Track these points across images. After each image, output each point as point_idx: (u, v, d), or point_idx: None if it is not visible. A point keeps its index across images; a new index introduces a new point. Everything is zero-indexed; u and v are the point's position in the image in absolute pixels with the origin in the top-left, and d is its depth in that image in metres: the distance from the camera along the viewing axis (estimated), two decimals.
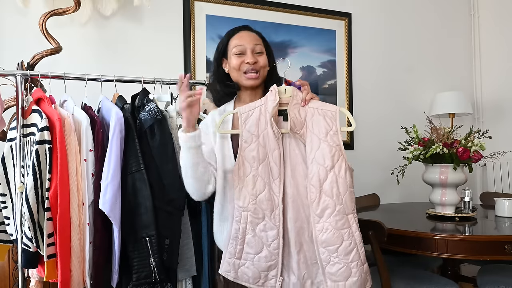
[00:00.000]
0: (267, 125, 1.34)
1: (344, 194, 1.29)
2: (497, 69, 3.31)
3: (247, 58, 1.44)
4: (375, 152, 3.01)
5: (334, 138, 1.31)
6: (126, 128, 1.51)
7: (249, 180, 1.31)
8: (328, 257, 1.28)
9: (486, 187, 3.24)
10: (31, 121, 1.52)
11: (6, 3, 2.16)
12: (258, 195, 1.30)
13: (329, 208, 1.28)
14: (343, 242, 1.27)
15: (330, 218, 1.28)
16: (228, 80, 1.52)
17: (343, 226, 1.28)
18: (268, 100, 1.36)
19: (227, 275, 1.35)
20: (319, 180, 1.28)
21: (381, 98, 3.10)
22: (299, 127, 1.33)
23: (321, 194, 1.28)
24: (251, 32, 1.49)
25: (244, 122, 1.36)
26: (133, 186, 1.49)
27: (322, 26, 2.90)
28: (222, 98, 1.54)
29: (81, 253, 1.46)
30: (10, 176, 1.57)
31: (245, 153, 1.33)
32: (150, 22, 2.45)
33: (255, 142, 1.33)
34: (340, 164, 1.30)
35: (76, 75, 1.68)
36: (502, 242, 1.67)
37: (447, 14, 3.37)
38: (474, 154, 2.00)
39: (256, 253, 1.31)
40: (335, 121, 1.33)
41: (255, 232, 1.31)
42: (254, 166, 1.32)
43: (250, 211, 1.31)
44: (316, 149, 1.30)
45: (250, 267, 1.32)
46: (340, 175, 1.29)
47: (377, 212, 2.37)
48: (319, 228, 1.28)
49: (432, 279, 1.89)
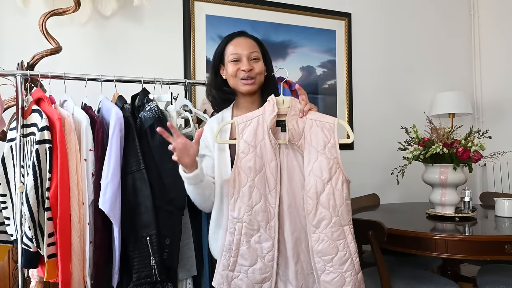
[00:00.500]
0: (264, 136, 1.33)
1: (340, 206, 1.29)
2: (497, 69, 3.31)
3: (243, 65, 1.43)
4: (375, 152, 3.02)
5: (332, 150, 1.32)
6: (126, 127, 1.52)
7: (245, 191, 1.31)
8: (323, 266, 1.29)
9: (486, 187, 3.24)
10: (31, 121, 1.52)
11: (6, 3, 2.16)
12: (254, 206, 1.30)
13: (325, 219, 1.29)
14: (338, 253, 1.29)
15: (326, 229, 1.29)
16: (225, 86, 1.52)
17: (338, 237, 1.29)
18: (266, 111, 1.36)
19: (220, 287, 1.35)
20: (316, 192, 1.29)
21: (381, 98, 3.10)
22: (297, 138, 1.33)
23: (317, 205, 1.29)
24: (248, 39, 1.48)
25: (241, 132, 1.36)
26: (133, 185, 1.49)
27: (322, 26, 2.90)
28: (219, 105, 1.55)
29: (81, 253, 1.46)
30: (10, 176, 1.57)
31: (241, 164, 1.32)
32: (150, 22, 2.45)
33: (252, 152, 1.33)
34: (337, 176, 1.30)
35: (76, 75, 1.68)
36: (502, 242, 1.67)
37: (447, 14, 3.37)
38: (474, 154, 2.00)
39: (250, 265, 1.31)
40: (333, 133, 1.34)
41: (250, 244, 1.31)
42: (250, 176, 1.31)
43: (245, 222, 1.30)
44: (314, 161, 1.31)
45: (243, 280, 1.32)
46: (337, 188, 1.30)
47: (377, 212, 2.38)
48: (315, 239, 1.29)
49: (432, 279, 1.89)
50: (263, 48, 1.51)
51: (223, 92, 1.53)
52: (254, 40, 1.50)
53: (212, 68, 1.54)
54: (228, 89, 1.52)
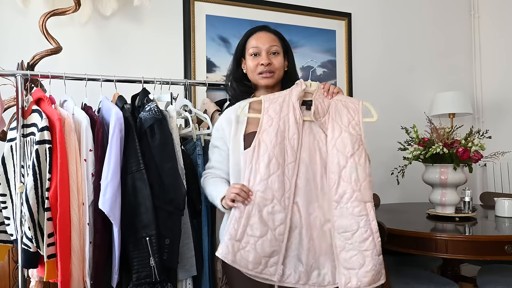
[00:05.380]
0: (289, 111, 1.36)
1: (363, 182, 1.29)
2: (497, 69, 3.31)
3: (262, 59, 1.46)
4: (375, 152, 2.99)
5: (356, 128, 1.34)
6: (126, 128, 1.51)
7: (264, 159, 1.30)
8: (343, 243, 1.27)
9: (486, 187, 3.23)
10: (31, 121, 1.52)
11: (6, 3, 2.16)
12: (271, 175, 1.29)
13: (346, 193, 1.28)
14: (359, 229, 1.27)
15: (347, 204, 1.28)
16: (246, 79, 1.55)
17: (360, 213, 1.28)
18: (293, 90, 1.40)
19: (225, 257, 1.29)
20: (339, 167, 1.29)
21: (381, 98, 3.09)
22: (322, 115, 1.35)
23: (340, 180, 1.29)
24: (269, 33, 1.51)
25: (267, 108, 1.38)
26: (133, 185, 1.49)
27: (322, 26, 2.90)
28: (239, 96, 1.57)
29: (81, 253, 1.46)
30: (10, 176, 1.57)
31: (262, 136, 1.33)
32: (150, 22, 2.45)
33: (275, 125, 1.34)
34: (360, 152, 1.32)
35: (76, 75, 1.68)
36: (502, 242, 1.67)
37: (447, 14, 3.36)
38: (474, 154, 2.00)
39: (260, 236, 1.27)
40: (358, 113, 1.38)
41: (261, 214, 1.27)
42: (270, 147, 1.31)
43: (260, 191, 1.28)
44: (338, 136, 1.32)
45: (251, 251, 1.27)
46: (360, 163, 1.30)
47: (377, 212, 2.35)
48: (336, 214, 1.28)
49: (432, 279, 1.89)
50: (284, 43, 1.54)
51: (243, 85, 1.56)
52: (276, 34, 1.52)
53: (234, 61, 1.57)
54: (249, 82, 1.55)
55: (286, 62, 1.54)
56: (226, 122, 1.46)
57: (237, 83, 1.57)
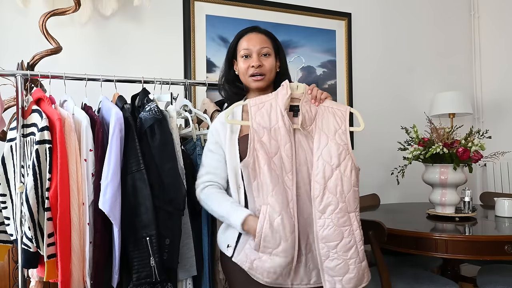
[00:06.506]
0: (278, 119, 1.34)
1: (348, 193, 1.30)
2: (497, 69, 3.31)
3: (253, 61, 1.45)
4: (375, 152, 3.01)
5: (343, 137, 1.33)
6: (126, 128, 1.51)
7: (265, 173, 1.29)
8: (327, 252, 1.28)
9: (486, 187, 3.24)
10: (31, 121, 1.52)
11: (6, 3, 2.16)
12: (275, 187, 1.29)
13: (331, 205, 1.28)
14: (343, 239, 1.28)
15: (332, 215, 1.28)
16: (238, 81, 1.54)
17: (344, 224, 1.28)
18: (279, 94, 1.37)
19: (243, 264, 1.33)
20: (324, 177, 1.29)
21: (381, 98, 3.10)
22: (309, 123, 1.34)
23: (325, 190, 1.29)
24: (260, 34, 1.49)
25: (254, 114, 1.36)
26: (133, 186, 1.49)
27: (322, 26, 2.90)
28: (231, 98, 1.56)
29: (81, 253, 1.46)
30: (10, 176, 1.57)
31: (257, 147, 1.32)
32: (150, 22, 2.45)
33: (267, 135, 1.33)
34: (346, 163, 1.31)
35: (76, 75, 1.68)
36: (502, 242, 1.67)
37: (447, 14, 3.37)
38: (474, 154, 2.00)
39: (273, 247, 1.28)
40: (345, 120, 1.36)
41: (273, 227, 1.28)
42: (267, 159, 1.30)
43: (269, 204, 1.29)
44: (324, 146, 1.31)
45: (267, 261, 1.29)
46: (346, 174, 1.30)
47: (377, 212, 2.38)
48: (320, 224, 1.29)
49: (432, 279, 1.89)
50: (276, 44, 1.52)
51: (235, 87, 1.55)
52: (267, 35, 1.51)
53: (226, 63, 1.55)
54: (241, 84, 1.54)
55: (278, 62, 1.52)
56: (221, 125, 1.45)
57: (229, 85, 1.55)
